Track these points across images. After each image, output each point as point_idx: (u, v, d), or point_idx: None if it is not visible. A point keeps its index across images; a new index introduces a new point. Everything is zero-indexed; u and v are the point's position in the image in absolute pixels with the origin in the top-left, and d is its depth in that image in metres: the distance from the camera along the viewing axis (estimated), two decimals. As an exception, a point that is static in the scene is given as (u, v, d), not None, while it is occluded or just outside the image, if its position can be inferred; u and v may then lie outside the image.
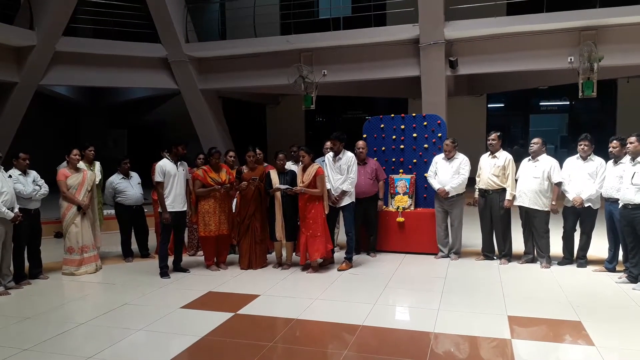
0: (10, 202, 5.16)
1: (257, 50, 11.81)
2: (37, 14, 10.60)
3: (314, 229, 5.81)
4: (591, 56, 9.38)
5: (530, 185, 5.90)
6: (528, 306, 4.64)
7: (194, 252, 6.94)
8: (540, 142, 6.00)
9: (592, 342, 3.82)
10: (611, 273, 5.59)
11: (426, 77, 10.74)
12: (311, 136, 16.96)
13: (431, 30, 10.26)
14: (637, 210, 4.95)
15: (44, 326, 4.31)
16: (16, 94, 11.13)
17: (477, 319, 4.40)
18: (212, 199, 6.02)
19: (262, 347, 3.80)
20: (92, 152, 6.59)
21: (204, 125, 13.15)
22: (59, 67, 11.32)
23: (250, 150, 6.18)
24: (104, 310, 4.72)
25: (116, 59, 11.72)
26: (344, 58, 11.40)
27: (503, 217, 6.11)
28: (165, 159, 5.88)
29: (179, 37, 11.84)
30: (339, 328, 4.25)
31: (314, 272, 5.89)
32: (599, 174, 5.66)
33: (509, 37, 10.29)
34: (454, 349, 3.86)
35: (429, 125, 6.95)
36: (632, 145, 5.09)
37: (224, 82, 12.60)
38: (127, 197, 6.58)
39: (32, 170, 5.77)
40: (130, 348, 3.88)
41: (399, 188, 6.88)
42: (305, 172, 5.92)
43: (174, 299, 5.00)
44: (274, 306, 4.84)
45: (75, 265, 5.94)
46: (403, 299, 5.15)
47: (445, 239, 6.52)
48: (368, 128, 7.25)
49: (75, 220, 5.92)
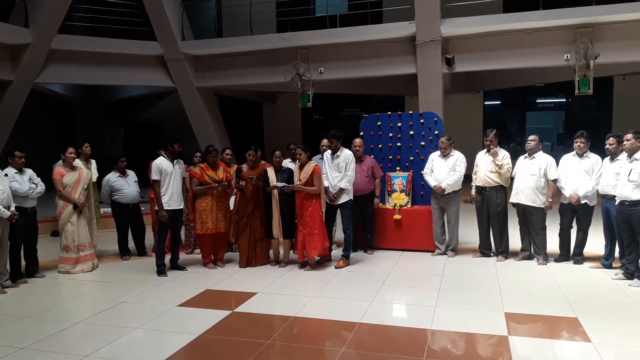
0: (6, 200, 5.15)
1: (253, 48, 11.79)
2: (32, 11, 10.54)
3: (311, 227, 5.82)
4: (587, 53, 9.41)
5: (527, 183, 5.91)
6: (525, 303, 4.65)
7: (191, 250, 6.94)
8: (537, 140, 6.01)
9: (588, 338, 3.83)
10: (608, 270, 5.62)
11: (423, 75, 10.74)
12: (308, 134, 16.93)
13: (427, 27, 10.27)
14: (633, 207, 4.97)
15: (41, 325, 4.30)
16: (11, 92, 11.09)
17: (474, 315, 4.40)
18: (210, 197, 6.01)
19: (259, 345, 3.80)
20: (88, 148, 6.58)
21: (200, 123, 13.11)
22: (54, 65, 11.26)
23: (251, 149, 6.17)
24: (101, 308, 4.71)
25: (112, 57, 11.66)
26: (341, 56, 11.38)
27: (500, 214, 6.12)
28: (162, 157, 5.88)
29: (175, 34, 11.80)
30: (337, 325, 4.25)
31: (312, 269, 5.89)
32: (595, 170, 5.69)
33: (506, 34, 10.31)
34: (451, 345, 3.87)
35: (425, 122, 6.96)
36: (628, 142, 5.10)
37: (221, 79, 12.57)
38: (123, 195, 6.56)
39: (28, 169, 5.75)
40: (128, 346, 3.87)
41: (396, 185, 6.88)
42: (302, 170, 5.92)
43: (171, 297, 5.00)
44: (271, 304, 4.84)
45: (72, 264, 5.93)
46: (400, 296, 5.15)
47: (442, 236, 6.53)
48: (365, 126, 7.25)
49: (72, 219, 5.91)
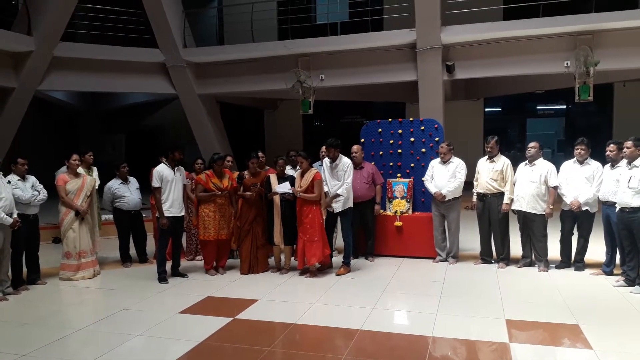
0: (9, 207, 5.15)
1: (254, 56, 11.84)
2: (35, 19, 10.60)
3: (311, 234, 5.83)
4: (587, 60, 9.44)
5: (528, 190, 5.91)
6: (526, 310, 4.65)
7: (192, 257, 6.94)
8: (537, 147, 6.02)
9: (590, 345, 3.83)
10: (609, 276, 5.61)
11: (423, 82, 10.77)
12: (309, 141, 16.96)
13: (428, 35, 10.30)
14: (633, 213, 4.97)
15: (43, 331, 4.31)
16: (14, 99, 11.12)
17: (475, 323, 4.41)
18: (213, 204, 6.02)
19: (260, 352, 3.80)
20: (91, 157, 6.61)
21: (202, 130, 13.15)
22: (56, 72, 11.31)
23: (253, 157, 6.19)
24: (102, 315, 4.72)
25: (114, 65, 11.72)
26: (342, 63, 11.42)
27: (501, 221, 6.13)
28: (163, 164, 5.89)
29: (176, 42, 11.85)
30: (337, 333, 4.25)
31: (312, 276, 5.90)
32: (596, 177, 5.69)
33: (506, 41, 10.34)
34: (452, 353, 3.87)
35: (426, 129, 6.97)
36: (628, 149, 5.11)
37: (222, 87, 12.62)
38: (125, 202, 6.58)
39: (31, 176, 5.77)
40: (129, 353, 3.87)
41: (397, 192, 6.89)
42: (303, 177, 5.94)
43: (172, 304, 5.00)
44: (272, 311, 4.84)
45: (73, 271, 5.94)
46: (401, 303, 5.16)
47: (443, 242, 6.53)
48: (366, 132, 7.27)
49: (73, 226, 5.92)
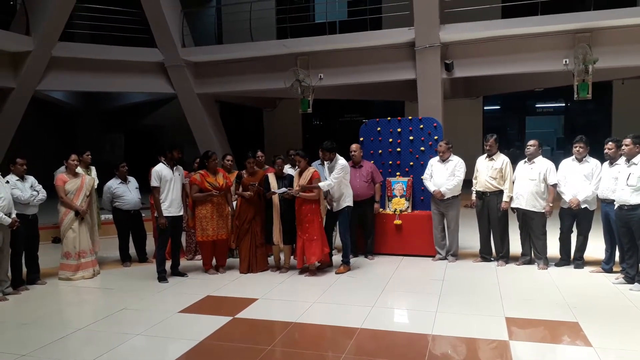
0: (8, 207, 5.15)
1: (253, 55, 11.83)
2: (34, 19, 10.58)
3: (310, 233, 5.83)
4: (586, 58, 9.45)
5: (527, 188, 5.92)
6: (526, 307, 4.65)
7: (192, 256, 6.95)
8: (537, 145, 6.03)
9: (589, 343, 3.83)
10: (608, 274, 5.62)
11: (422, 80, 10.77)
12: (308, 139, 16.96)
13: (427, 33, 10.30)
14: (632, 211, 4.98)
15: (42, 332, 4.30)
16: (13, 99, 11.10)
17: (474, 320, 4.41)
18: (210, 204, 6.00)
19: (260, 351, 3.80)
20: (89, 157, 6.61)
21: (201, 129, 13.14)
22: (55, 72, 11.29)
23: (250, 157, 6.18)
24: (102, 315, 4.72)
25: (113, 64, 11.70)
26: (340, 62, 11.42)
27: (500, 219, 6.14)
28: (161, 163, 5.89)
29: (175, 41, 11.84)
30: (337, 331, 4.25)
31: (312, 275, 5.90)
32: (595, 175, 5.70)
33: (504, 39, 10.34)
34: (452, 351, 3.88)
35: (425, 128, 6.98)
36: (627, 147, 5.12)
37: (221, 86, 12.61)
38: (124, 201, 6.58)
39: (30, 176, 5.77)
40: (129, 353, 3.88)
41: (396, 191, 6.90)
42: (301, 177, 5.94)
43: (172, 304, 5.00)
44: (272, 310, 4.85)
45: (72, 271, 5.93)
46: (401, 302, 5.16)
47: (442, 241, 6.54)
48: (365, 131, 7.27)
49: (73, 226, 5.92)
